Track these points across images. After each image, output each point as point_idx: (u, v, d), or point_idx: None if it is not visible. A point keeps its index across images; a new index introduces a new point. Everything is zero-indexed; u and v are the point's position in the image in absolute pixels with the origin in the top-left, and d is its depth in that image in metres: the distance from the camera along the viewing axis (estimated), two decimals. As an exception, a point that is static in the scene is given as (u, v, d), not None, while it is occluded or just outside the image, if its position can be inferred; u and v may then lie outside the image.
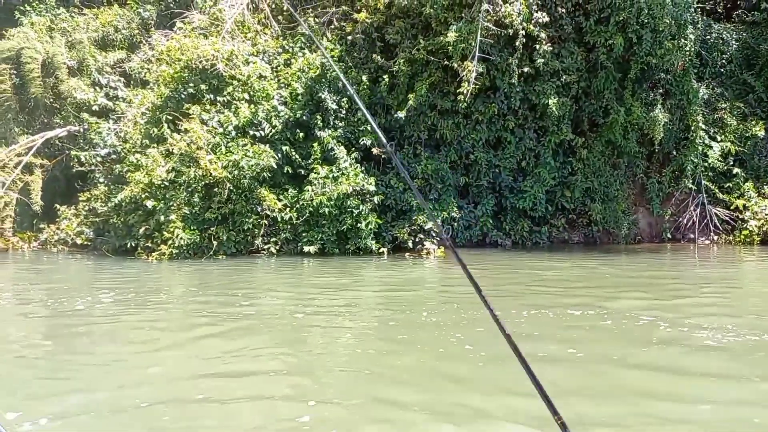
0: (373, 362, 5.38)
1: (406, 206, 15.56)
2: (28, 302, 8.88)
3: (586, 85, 16.39)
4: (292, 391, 4.65)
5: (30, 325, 7.33)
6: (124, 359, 5.76)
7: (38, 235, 17.52)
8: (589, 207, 17.26)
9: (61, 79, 18.32)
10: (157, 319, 7.43)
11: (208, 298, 8.99)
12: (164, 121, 15.35)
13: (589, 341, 6.01)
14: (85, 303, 8.50)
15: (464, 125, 16.09)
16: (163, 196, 14.49)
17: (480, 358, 5.42)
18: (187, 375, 5.14)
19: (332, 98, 15.64)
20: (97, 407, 4.35)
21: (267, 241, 14.91)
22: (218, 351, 5.92)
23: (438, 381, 4.86)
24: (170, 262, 13.80)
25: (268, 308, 8.06)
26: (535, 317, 7.05)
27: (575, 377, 4.88)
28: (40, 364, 5.52)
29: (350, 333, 6.51)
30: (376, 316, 7.49)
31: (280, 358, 5.59)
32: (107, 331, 6.85)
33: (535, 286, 9.85)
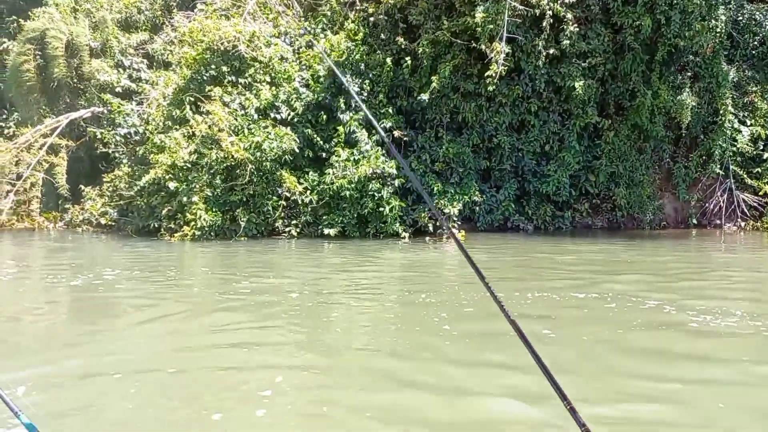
0: (374, 336, 5.37)
1: (427, 190, 15.46)
2: (54, 276, 9.00)
3: (613, 67, 16.06)
4: (299, 361, 4.70)
5: (57, 297, 7.45)
6: (140, 329, 5.88)
7: (63, 215, 17.76)
8: (613, 192, 17.01)
9: (85, 60, 18.43)
10: (179, 296, 7.49)
11: (228, 276, 9.07)
12: (186, 103, 15.39)
13: (582, 323, 6.02)
14: (106, 278, 8.59)
15: (487, 108, 15.89)
16: (186, 177, 14.58)
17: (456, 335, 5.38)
18: (201, 344, 5.26)
19: (354, 80, 15.54)
20: (115, 368, 4.44)
21: (288, 224, 14.94)
22: (231, 323, 6.11)
23: (422, 352, 4.87)
24: (192, 243, 13.91)
25: (285, 287, 8.09)
26: (539, 299, 7.01)
27: (562, 357, 4.88)
28: (61, 330, 5.59)
29: (362, 311, 6.50)
30: (388, 296, 7.46)
31: (291, 331, 5.64)
32: (127, 304, 6.94)
33: (548, 270, 9.77)
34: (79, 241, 14.92)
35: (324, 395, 4.14)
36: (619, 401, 3.96)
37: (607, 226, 17.39)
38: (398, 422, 3.67)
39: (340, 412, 3.84)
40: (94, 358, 5.06)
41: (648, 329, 5.75)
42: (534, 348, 1.25)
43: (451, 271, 10.29)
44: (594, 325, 5.93)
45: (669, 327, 5.83)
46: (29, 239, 15.46)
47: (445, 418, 3.74)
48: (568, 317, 6.25)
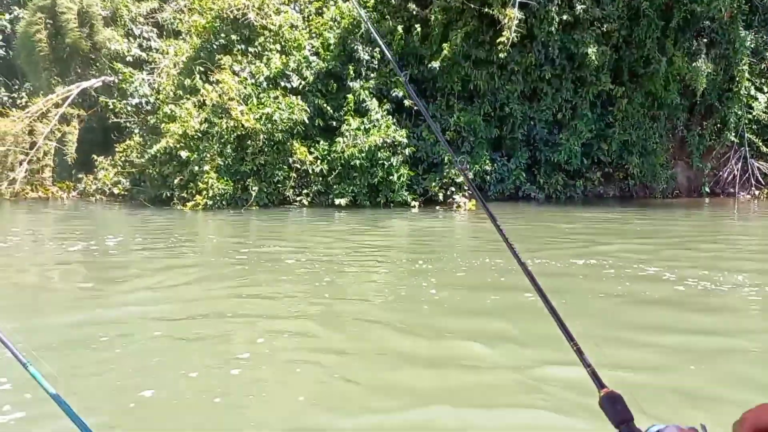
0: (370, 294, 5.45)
1: (438, 159, 15.43)
2: (69, 242, 9.14)
3: (627, 33, 15.78)
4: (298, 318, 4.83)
5: (71, 260, 7.58)
6: (152, 287, 6.06)
7: (77, 184, 17.91)
8: (626, 160, 16.87)
9: (96, 30, 18.38)
10: (190, 260, 7.59)
11: (237, 243, 9.18)
12: (196, 72, 15.36)
13: (573, 287, 6.12)
14: (121, 244, 8.72)
15: (499, 76, 15.72)
16: (197, 147, 14.63)
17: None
18: (216, 296, 5.43)
19: (365, 49, 15.41)
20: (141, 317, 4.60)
21: (299, 193, 15.00)
22: (241, 282, 6.37)
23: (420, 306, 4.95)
24: (204, 211, 14.02)
25: (291, 252, 8.18)
26: (538, 266, 7.07)
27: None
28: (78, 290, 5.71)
29: (362, 276, 6.58)
30: (389, 261, 7.51)
31: (293, 291, 5.72)
32: (140, 267, 7.07)
33: (551, 237, 9.80)
34: (92, 210, 15.08)
35: (318, 344, 4.36)
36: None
37: (620, 195, 17.31)
38: (389, 361, 3.93)
39: (331, 358, 4.02)
40: (110, 310, 5.26)
41: (636, 298, 5.77)
42: (542, 289, 1.28)
43: (455, 239, 10.32)
44: (588, 288, 6.00)
45: (660, 293, 5.86)
46: (43, 208, 15.65)
47: (426, 354, 4.17)
48: (563, 283, 6.30)
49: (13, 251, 9.03)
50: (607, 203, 15.98)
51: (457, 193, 15.03)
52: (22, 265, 7.92)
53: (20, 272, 7.40)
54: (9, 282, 6.87)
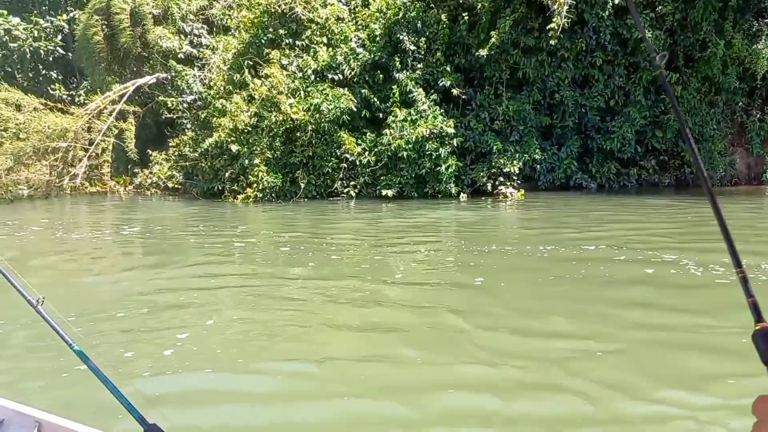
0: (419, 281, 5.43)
1: (486, 149, 15.26)
2: (129, 232, 9.45)
3: (682, 16, 15.25)
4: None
5: (131, 249, 7.85)
6: (214, 272, 6.22)
7: (133, 179, 18.45)
8: (681, 148, 16.33)
9: (148, 28, 18.87)
10: (241, 247, 7.75)
11: (292, 233, 9.32)
12: (246, 67, 15.61)
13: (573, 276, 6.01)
14: (174, 233, 8.98)
15: (549, 63, 15.42)
16: (247, 140, 14.88)
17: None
18: (262, 282, 5.49)
19: (411, 39, 15.34)
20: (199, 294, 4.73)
21: (346, 185, 15.07)
22: (294, 268, 6.48)
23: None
24: (255, 204, 14.26)
25: (345, 242, 8.24)
26: (551, 252, 7.09)
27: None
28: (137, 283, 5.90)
29: (413, 264, 6.56)
30: (434, 252, 7.47)
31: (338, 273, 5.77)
32: (193, 252, 7.25)
33: (587, 225, 9.66)
34: (148, 203, 15.54)
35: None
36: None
37: (675, 184, 16.76)
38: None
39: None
40: (165, 294, 5.42)
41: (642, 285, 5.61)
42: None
43: (499, 231, 10.19)
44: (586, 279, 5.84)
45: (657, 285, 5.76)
46: (103, 201, 16.20)
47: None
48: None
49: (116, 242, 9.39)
50: (662, 192, 15.51)
51: (505, 184, 14.85)
52: (113, 252, 8.23)
53: (101, 259, 7.69)
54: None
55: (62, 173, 16.82)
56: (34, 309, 1.97)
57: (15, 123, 16.19)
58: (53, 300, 1.94)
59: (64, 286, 6.45)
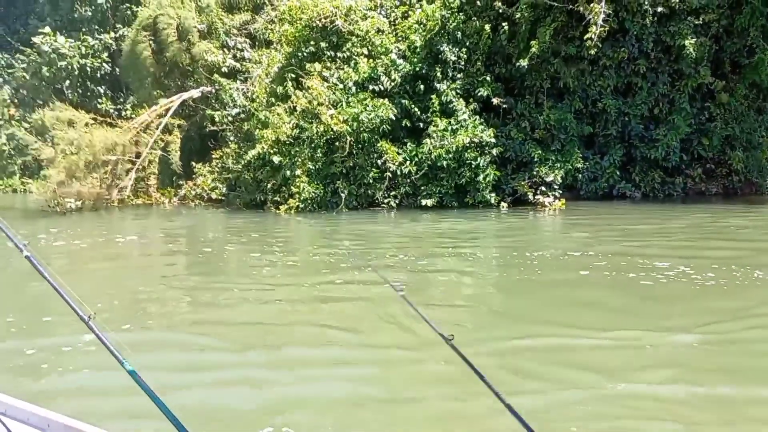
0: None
1: (527, 158, 15.18)
2: (177, 242, 9.72)
3: (728, 23, 14.96)
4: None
5: (180, 259, 8.06)
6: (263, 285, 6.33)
7: (178, 190, 18.84)
8: (729, 155, 15.95)
9: (193, 43, 19.34)
10: (286, 257, 7.89)
11: (335, 242, 9.45)
12: (288, 80, 15.87)
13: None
14: (222, 244, 9.18)
15: (590, 72, 15.29)
16: (289, 152, 15.11)
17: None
18: (304, 293, 5.57)
19: (451, 49, 15.39)
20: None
21: (387, 195, 15.14)
22: (335, 279, 6.40)
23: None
24: (297, 214, 14.45)
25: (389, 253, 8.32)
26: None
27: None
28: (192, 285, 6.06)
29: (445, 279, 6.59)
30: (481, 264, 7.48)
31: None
32: (239, 262, 7.41)
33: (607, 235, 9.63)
34: (193, 214, 15.88)
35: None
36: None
37: (723, 193, 16.35)
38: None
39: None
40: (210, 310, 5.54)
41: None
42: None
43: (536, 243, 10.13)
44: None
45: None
46: (149, 213, 16.62)
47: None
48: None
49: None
50: (709, 201, 15.19)
51: (546, 193, 14.73)
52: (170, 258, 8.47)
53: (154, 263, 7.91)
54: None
55: (111, 186, 17.30)
56: (86, 324, 2.01)
57: (67, 138, 16.72)
58: (107, 311, 2.02)
59: (116, 295, 6.65)
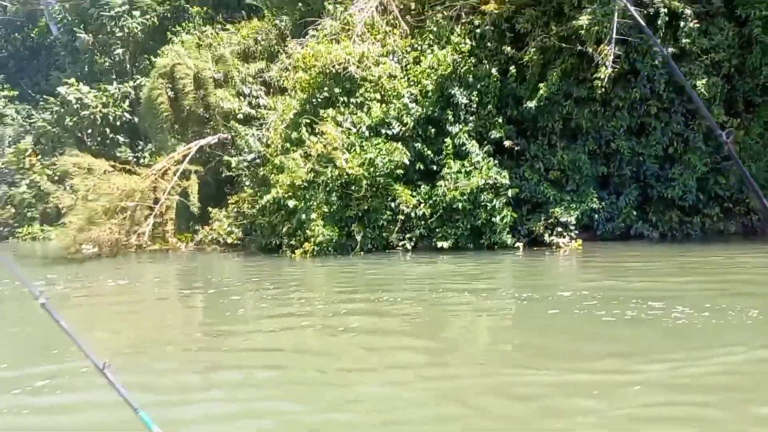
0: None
1: (542, 198, 15.15)
2: (193, 289, 9.72)
3: (740, 62, 15.00)
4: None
5: (197, 304, 8.05)
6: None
7: (194, 236, 19.00)
8: (746, 194, 15.78)
9: (210, 91, 19.78)
10: (301, 304, 7.85)
11: (351, 288, 9.41)
12: (303, 125, 16.11)
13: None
14: (242, 290, 9.18)
15: (602, 113, 15.34)
16: (304, 196, 15.23)
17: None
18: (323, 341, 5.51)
19: (462, 93, 15.57)
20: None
21: (402, 238, 15.14)
22: (358, 323, 6.30)
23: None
24: (312, 258, 14.47)
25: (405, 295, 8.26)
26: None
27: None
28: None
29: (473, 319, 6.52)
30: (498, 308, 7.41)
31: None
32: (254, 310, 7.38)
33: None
34: (209, 259, 15.96)
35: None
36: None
37: (743, 232, 16.14)
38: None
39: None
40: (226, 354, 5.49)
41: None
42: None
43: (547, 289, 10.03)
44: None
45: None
46: (167, 258, 16.74)
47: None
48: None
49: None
50: (728, 240, 15.01)
51: (562, 234, 14.63)
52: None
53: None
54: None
55: (129, 232, 17.49)
56: (100, 373, 2.00)
57: (86, 185, 17.02)
58: (123, 356, 2.00)
59: (131, 342, 6.64)
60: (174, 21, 24.05)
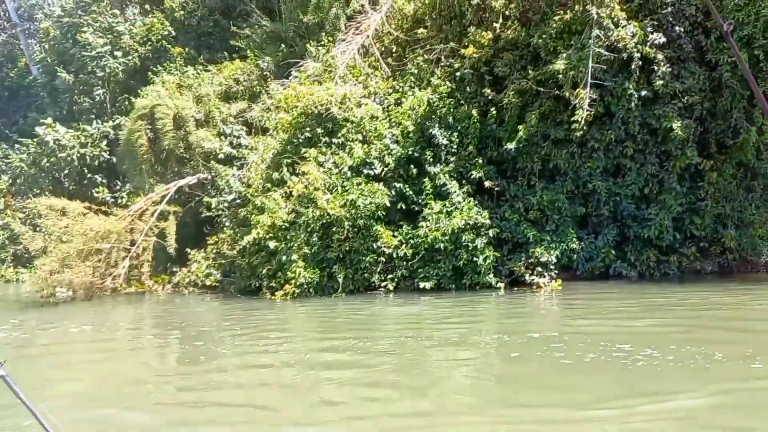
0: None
1: (522, 239, 15.24)
2: (167, 334, 9.50)
3: (711, 105, 15.45)
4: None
5: (171, 350, 7.85)
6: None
7: (171, 277, 18.66)
8: (721, 234, 16.04)
9: (190, 131, 19.75)
10: (282, 353, 7.70)
11: (332, 332, 9.27)
12: (284, 165, 16.12)
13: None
14: (218, 336, 8.98)
15: (579, 154, 15.62)
16: (285, 237, 15.12)
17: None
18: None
19: (443, 134, 15.76)
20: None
21: (384, 278, 15.06)
22: (342, 368, 6.16)
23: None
24: (293, 300, 14.29)
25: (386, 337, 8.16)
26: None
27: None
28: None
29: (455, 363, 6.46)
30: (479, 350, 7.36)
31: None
32: (231, 356, 7.21)
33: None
34: (186, 302, 15.68)
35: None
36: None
37: (719, 271, 16.35)
38: None
39: None
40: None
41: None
42: None
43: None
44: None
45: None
46: (142, 301, 16.41)
47: None
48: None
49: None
50: (704, 280, 15.19)
51: (543, 274, 14.68)
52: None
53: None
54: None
55: (104, 274, 17.15)
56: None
57: (60, 227, 16.74)
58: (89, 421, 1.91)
59: (102, 399, 6.43)
60: (156, 61, 24.15)
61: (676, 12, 15.25)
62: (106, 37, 25.42)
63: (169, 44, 24.57)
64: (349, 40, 18.01)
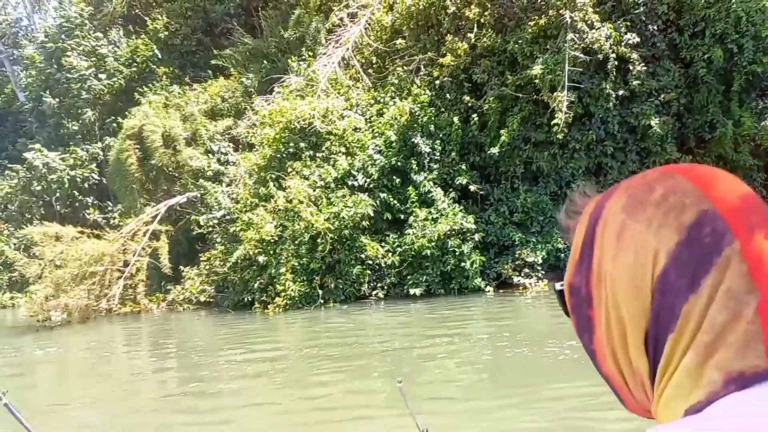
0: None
1: (508, 241, 15.46)
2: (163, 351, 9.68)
3: (688, 101, 15.74)
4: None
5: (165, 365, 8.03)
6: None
7: (166, 295, 18.78)
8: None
9: (178, 150, 19.94)
10: (273, 362, 7.89)
11: (324, 342, 9.45)
12: (270, 180, 16.32)
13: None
14: (215, 355, 9.17)
15: (561, 155, 15.87)
16: (273, 250, 15.31)
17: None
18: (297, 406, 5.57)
19: (425, 142, 15.98)
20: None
21: (374, 287, 15.26)
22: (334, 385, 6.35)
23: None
24: (284, 313, 14.47)
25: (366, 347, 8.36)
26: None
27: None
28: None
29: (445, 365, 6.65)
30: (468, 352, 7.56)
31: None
32: (226, 373, 7.39)
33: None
34: (181, 320, 15.85)
35: None
36: None
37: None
38: None
39: None
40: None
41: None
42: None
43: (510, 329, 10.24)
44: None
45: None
46: (138, 321, 16.56)
47: None
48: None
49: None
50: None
51: (530, 275, 14.91)
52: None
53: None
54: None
55: (99, 296, 17.29)
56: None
57: (54, 253, 16.89)
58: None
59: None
60: (141, 82, 24.33)
61: (648, 11, 15.55)
62: (90, 60, 25.58)
63: (154, 64, 24.75)
64: (330, 54, 18.24)
